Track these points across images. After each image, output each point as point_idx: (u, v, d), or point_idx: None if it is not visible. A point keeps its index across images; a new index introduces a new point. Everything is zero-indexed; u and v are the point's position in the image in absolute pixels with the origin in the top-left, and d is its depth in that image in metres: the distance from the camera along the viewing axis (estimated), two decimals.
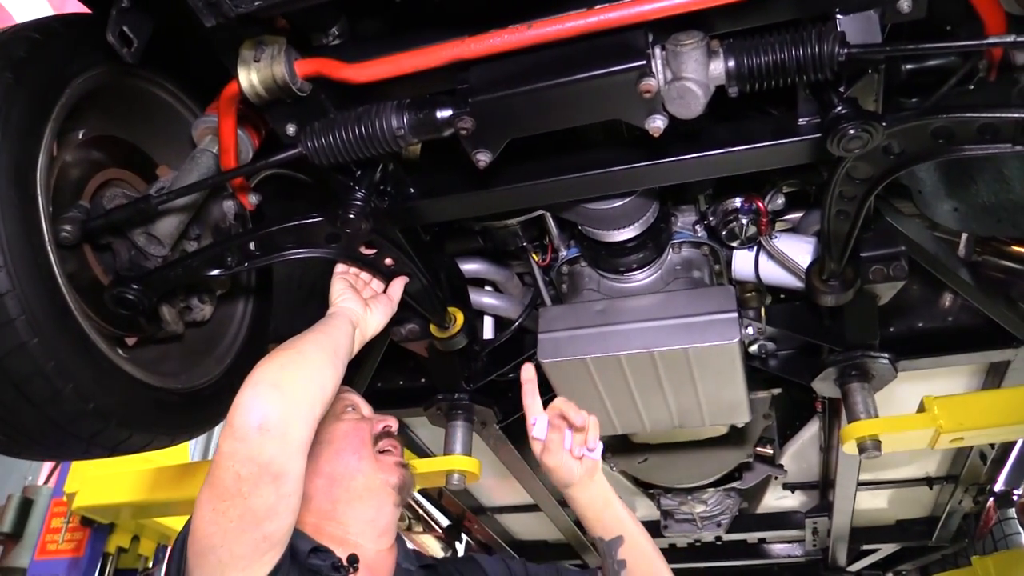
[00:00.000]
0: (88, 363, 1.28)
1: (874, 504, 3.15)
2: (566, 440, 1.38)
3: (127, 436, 1.37)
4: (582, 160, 1.38)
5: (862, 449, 1.66)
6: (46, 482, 3.13)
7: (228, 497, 1.06)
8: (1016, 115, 1.09)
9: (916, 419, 1.68)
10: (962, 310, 1.90)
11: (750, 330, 1.66)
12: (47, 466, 3.40)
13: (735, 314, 1.58)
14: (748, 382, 2.14)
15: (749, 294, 1.92)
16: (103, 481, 2.32)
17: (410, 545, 1.56)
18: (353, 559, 1.31)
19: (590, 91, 1.14)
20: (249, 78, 1.24)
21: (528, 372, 1.44)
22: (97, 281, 1.47)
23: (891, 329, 1.92)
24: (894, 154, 1.23)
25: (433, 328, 1.72)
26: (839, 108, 1.18)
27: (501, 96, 1.17)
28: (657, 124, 1.17)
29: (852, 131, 1.16)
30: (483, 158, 1.26)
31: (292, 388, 1.11)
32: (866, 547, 3.45)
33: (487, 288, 2.07)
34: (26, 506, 2.83)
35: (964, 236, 1.81)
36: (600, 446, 1.43)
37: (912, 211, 1.75)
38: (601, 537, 1.44)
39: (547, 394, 1.98)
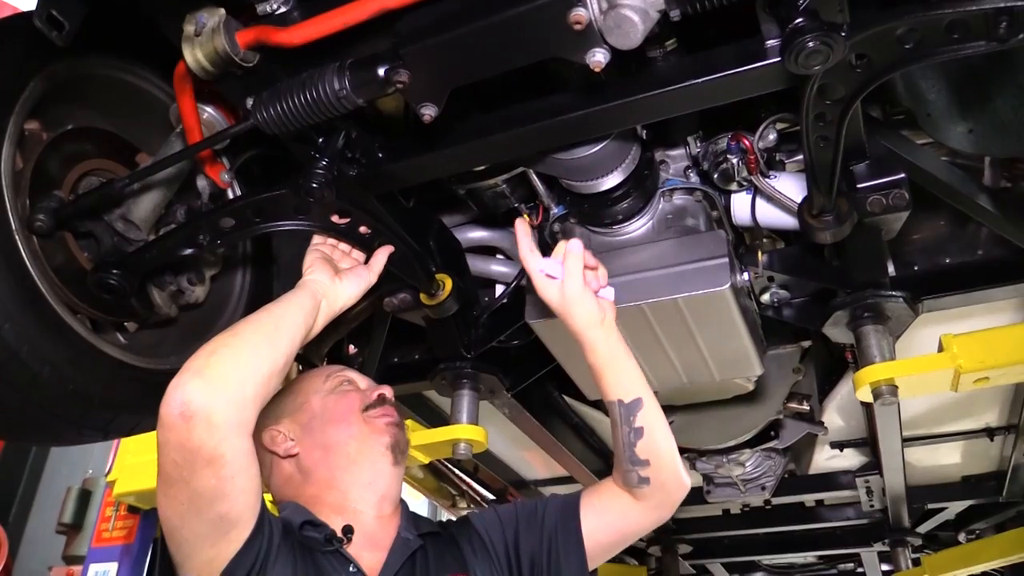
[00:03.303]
0: (63, 346, 1.31)
1: (935, 460, 2.99)
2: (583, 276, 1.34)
3: (112, 417, 1.41)
4: (541, 108, 1.33)
5: (877, 395, 1.55)
6: (108, 474, 3.27)
7: (173, 483, 1.10)
8: (985, 7, 0.99)
9: (933, 359, 1.56)
10: (993, 242, 1.76)
11: (746, 276, 1.57)
12: (111, 458, 3.55)
13: (725, 259, 1.50)
14: (774, 335, 2.09)
15: (759, 241, 1.84)
16: (139, 468, 2.40)
17: (443, 514, 1.56)
18: (348, 530, 1.32)
19: (519, 29, 1.09)
20: (194, 54, 1.24)
21: (520, 226, 1.39)
22: (84, 269, 1.50)
23: (915, 268, 1.79)
24: (862, 67, 1.13)
25: (421, 295, 1.69)
26: (797, 22, 1.09)
27: (430, 44, 1.13)
28: (598, 58, 1.11)
29: (811, 44, 1.07)
30: (428, 112, 1.22)
31: (215, 373, 1.12)
32: (932, 506, 3.28)
33: (498, 256, 2.04)
34: (84, 497, 2.98)
35: (987, 161, 1.68)
36: (612, 290, 1.39)
37: (925, 139, 1.63)
38: (620, 399, 1.38)
39: (550, 364, 1.96)
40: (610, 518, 1.43)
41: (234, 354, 1.16)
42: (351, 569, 1.28)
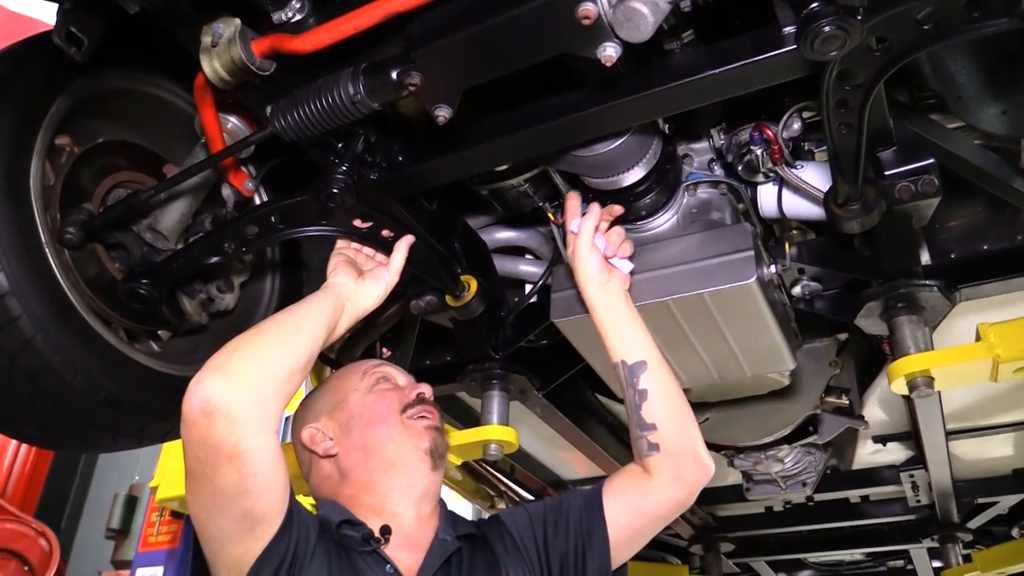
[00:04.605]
0: (94, 354, 1.35)
1: (984, 453, 2.89)
2: (598, 238, 1.46)
3: (145, 424, 1.44)
4: (558, 105, 1.32)
5: (912, 387, 1.51)
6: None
7: (197, 479, 1.13)
8: None
9: (970, 349, 1.51)
10: None
11: (773, 268, 1.54)
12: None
13: (751, 252, 1.47)
14: (809, 328, 2.05)
15: (789, 232, 1.80)
16: (181, 473, 2.44)
17: (485, 513, 1.57)
18: (385, 530, 1.32)
19: (528, 26, 1.09)
20: (211, 65, 1.26)
21: (571, 200, 1.52)
22: (116, 280, 1.53)
23: (951, 256, 1.74)
24: (881, 50, 1.10)
25: (447, 297, 1.70)
26: (812, 7, 1.07)
27: (440, 45, 1.13)
28: (609, 53, 1.10)
29: (826, 29, 1.05)
30: (442, 114, 1.23)
31: (236, 370, 1.13)
32: (982, 501, 3.17)
33: (526, 256, 2.03)
34: (131, 503, 3.05)
35: None
36: (630, 265, 1.49)
37: (957, 123, 1.58)
38: (624, 360, 1.43)
39: (580, 363, 1.95)
40: (630, 499, 1.43)
41: (255, 352, 1.17)
42: (388, 569, 1.28)
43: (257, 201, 1.70)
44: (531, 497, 3.30)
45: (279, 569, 1.18)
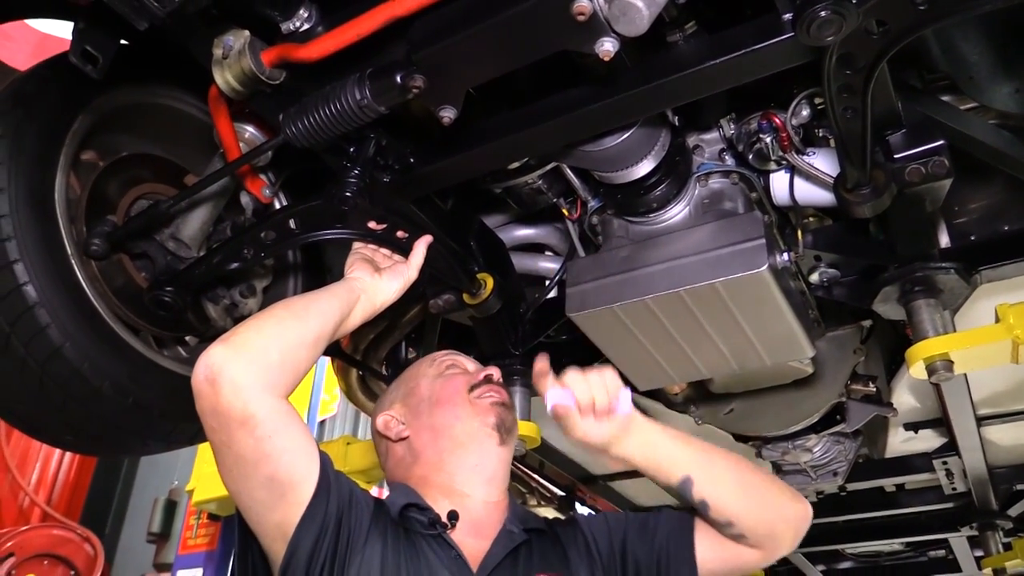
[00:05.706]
0: (122, 361, 1.40)
1: (1021, 438, 2.80)
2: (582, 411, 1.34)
3: (172, 427, 1.48)
4: (564, 101, 1.34)
5: (931, 371, 1.49)
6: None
7: (218, 451, 1.17)
8: None
9: (988, 331, 1.48)
10: None
11: (786, 256, 1.54)
12: None
13: (762, 241, 1.47)
14: (833, 316, 2.03)
15: (806, 220, 1.79)
16: (216, 476, 2.50)
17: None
18: (453, 515, 1.33)
19: (524, 25, 1.11)
20: (223, 76, 1.30)
21: (540, 363, 1.40)
22: (142, 289, 1.58)
23: (971, 238, 1.72)
24: (879, 33, 1.10)
25: (464, 295, 1.72)
26: None
27: (440, 47, 1.16)
28: (607, 48, 1.11)
29: (822, 14, 1.06)
30: (447, 114, 1.25)
31: (239, 340, 1.18)
32: (1021, 487, 3.09)
33: (546, 253, 2.05)
34: (171, 507, 3.13)
35: None
36: (625, 398, 1.36)
37: (970, 104, 1.56)
38: (670, 484, 1.40)
39: (597, 359, 1.95)
40: (725, 554, 1.40)
41: (259, 325, 1.22)
42: (453, 554, 1.28)
43: (277, 207, 1.75)
44: (562, 493, 3.32)
45: (321, 538, 1.18)
